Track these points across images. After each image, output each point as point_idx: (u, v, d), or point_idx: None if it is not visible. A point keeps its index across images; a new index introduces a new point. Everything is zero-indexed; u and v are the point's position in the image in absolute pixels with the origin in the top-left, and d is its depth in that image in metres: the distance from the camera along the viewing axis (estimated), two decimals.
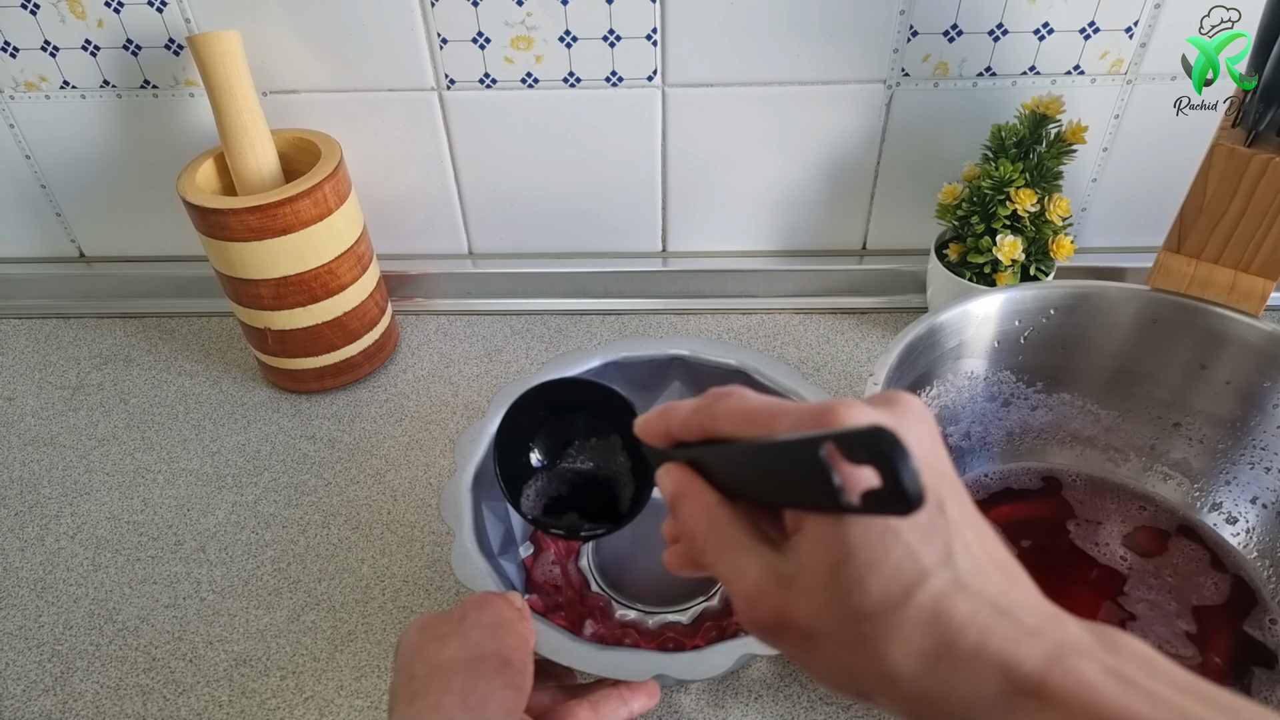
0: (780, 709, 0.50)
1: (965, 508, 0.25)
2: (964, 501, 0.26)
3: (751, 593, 0.26)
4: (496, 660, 0.40)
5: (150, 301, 0.82)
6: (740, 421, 0.28)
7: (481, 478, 0.55)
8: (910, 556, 0.24)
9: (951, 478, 0.26)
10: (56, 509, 0.64)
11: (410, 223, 0.79)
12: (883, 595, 0.24)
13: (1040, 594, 0.25)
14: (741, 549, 0.27)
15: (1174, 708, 0.22)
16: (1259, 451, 0.55)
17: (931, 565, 0.24)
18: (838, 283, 0.78)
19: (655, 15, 0.66)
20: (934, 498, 0.24)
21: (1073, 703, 0.22)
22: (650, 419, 0.32)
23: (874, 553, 0.24)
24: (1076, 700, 0.22)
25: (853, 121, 0.71)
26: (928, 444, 0.26)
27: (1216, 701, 0.22)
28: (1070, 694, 0.22)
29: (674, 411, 0.30)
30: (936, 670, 0.23)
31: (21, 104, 0.73)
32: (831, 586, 0.24)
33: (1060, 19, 0.65)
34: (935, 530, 0.24)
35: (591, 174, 0.75)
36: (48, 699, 0.52)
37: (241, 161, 0.65)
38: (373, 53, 0.69)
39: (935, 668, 0.23)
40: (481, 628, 0.41)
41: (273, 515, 0.63)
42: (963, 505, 0.25)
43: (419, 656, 0.41)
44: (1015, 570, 0.25)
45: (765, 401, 0.27)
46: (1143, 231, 0.75)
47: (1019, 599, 0.24)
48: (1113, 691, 0.22)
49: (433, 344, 0.77)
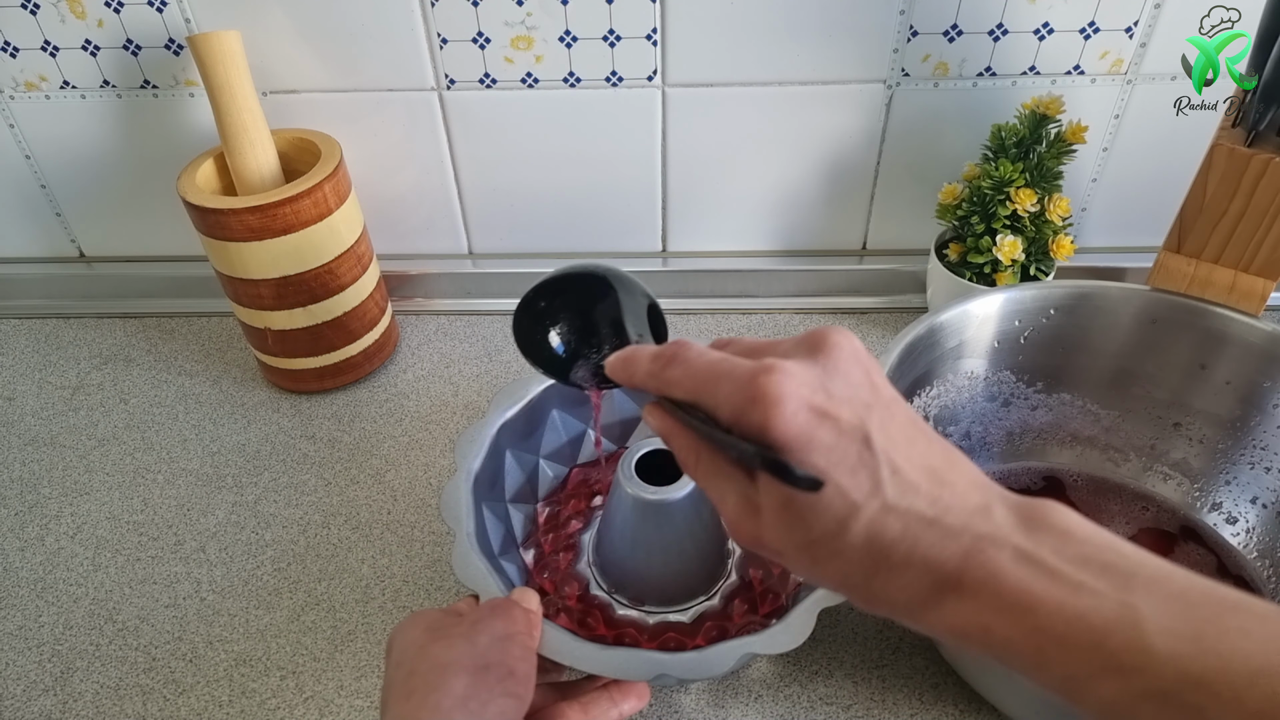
0: (780, 709, 0.50)
1: (893, 428, 0.28)
2: (893, 421, 0.29)
3: (732, 517, 0.31)
4: (501, 670, 0.40)
5: (150, 301, 0.82)
6: (688, 388, 0.31)
7: (481, 478, 0.55)
8: (840, 494, 0.27)
9: (882, 403, 0.29)
10: (56, 509, 0.64)
11: (410, 223, 0.79)
12: (822, 530, 0.28)
13: (974, 482, 0.28)
14: (723, 477, 0.31)
15: (1071, 582, 0.25)
16: (1259, 451, 0.55)
17: (860, 498, 0.27)
18: (838, 283, 0.78)
19: (655, 15, 0.66)
20: (859, 434, 0.28)
21: (981, 590, 0.26)
22: (615, 368, 0.35)
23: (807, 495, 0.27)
24: (985, 588, 0.26)
25: (853, 121, 0.71)
26: (855, 379, 0.29)
27: (1112, 567, 0.25)
28: (980, 583, 0.26)
29: (634, 365, 0.34)
30: (876, 579, 0.28)
31: (21, 104, 0.73)
32: (783, 521, 0.29)
33: (1060, 19, 0.65)
34: (863, 464, 0.27)
35: (591, 174, 0.75)
36: (48, 699, 0.52)
37: (241, 161, 0.65)
38: (373, 53, 0.69)
39: (875, 577, 0.28)
40: (491, 636, 0.41)
41: (273, 515, 0.63)
42: (890, 427, 0.28)
43: (423, 654, 0.40)
44: (947, 469, 0.28)
45: (707, 365, 0.30)
46: (1143, 231, 0.75)
47: (948, 502, 0.27)
48: (1016, 575, 0.25)
49: (433, 344, 0.77)
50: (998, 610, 0.26)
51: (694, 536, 0.52)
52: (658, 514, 0.50)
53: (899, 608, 0.28)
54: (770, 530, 0.29)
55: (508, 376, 0.73)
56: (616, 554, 0.54)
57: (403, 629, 0.43)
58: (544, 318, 0.42)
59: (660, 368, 0.32)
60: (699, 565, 0.54)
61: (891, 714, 0.50)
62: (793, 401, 0.27)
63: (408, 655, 0.41)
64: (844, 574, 0.28)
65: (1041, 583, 0.25)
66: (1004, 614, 0.25)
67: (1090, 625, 0.24)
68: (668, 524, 0.51)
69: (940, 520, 0.27)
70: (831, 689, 0.51)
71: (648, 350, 0.33)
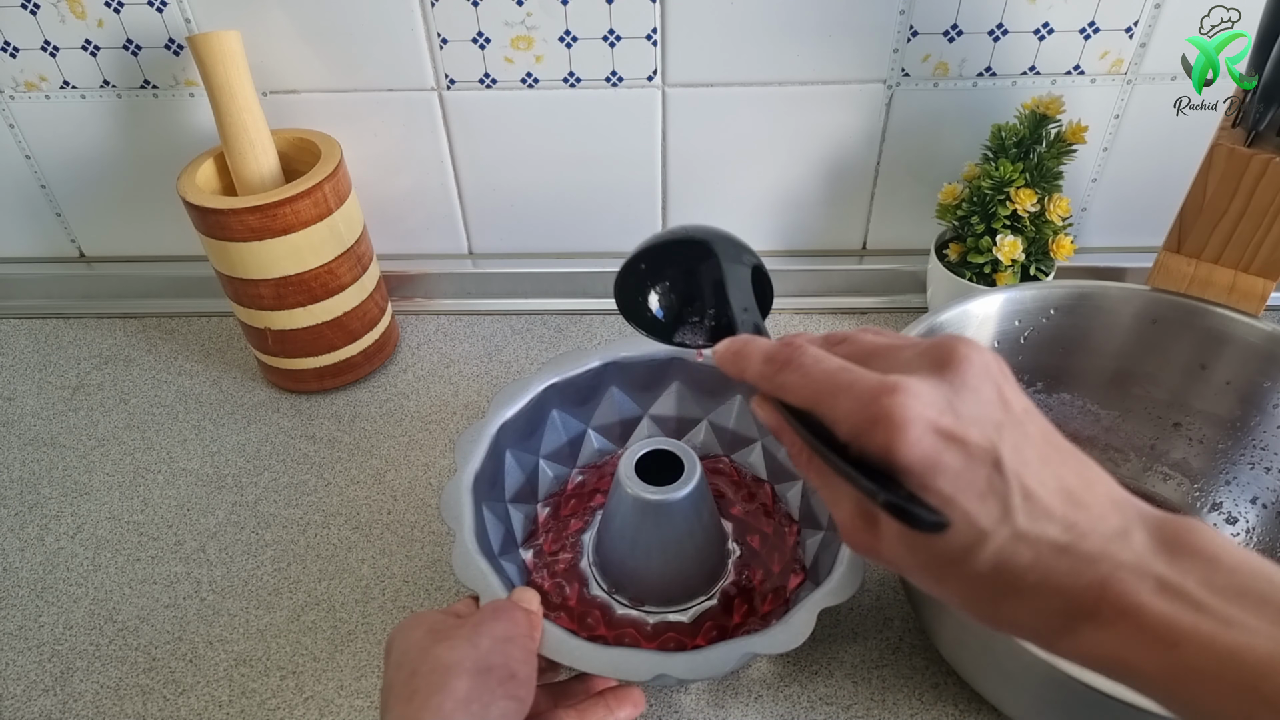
0: (780, 709, 0.50)
1: (1027, 448, 0.26)
2: (1026, 440, 0.27)
3: (846, 525, 0.29)
4: (503, 672, 0.40)
5: (150, 301, 0.82)
6: (804, 397, 0.29)
7: (481, 478, 0.55)
8: (968, 522, 0.26)
9: (1014, 420, 0.27)
10: (56, 509, 0.64)
11: (410, 223, 0.79)
12: (946, 556, 0.26)
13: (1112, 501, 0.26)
14: (838, 484, 0.29)
15: (1220, 616, 0.23)
16: (1259, 451, 0.55)
17: (989, 526, 0.25)
18: (838, 283, 0.78)
19: (655, 15, 0.66)
20: (989, 456, 0.26)
21: (1120, 621, 0.24)
22: (725, 359, 0.33)
23: None
24: (1124, 619, 0.24)
25: (853, 121, 0.71)
26: (986, 396, 0.27)
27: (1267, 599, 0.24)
28: (1118, 614, 0.24)
29: (745, 361, 0.32)
30: (1005, 603, 0.26)
31: (21, 104, 0.73)
32: (903, 541, 0.27)
33: (1060, 19, 0.65)
34: (992, 490, 0.26)
35: (591, 174, 0.75)
36: (48, 699, 0.52)
37: (241, 161, 0.65)
38: (373, 53, 0.69)
39: (1002, 601, 0.26)
40: (493, 638, 0.41)
41: (273, 515, 0.63)
42: (1023, 446, 0.26)
43: (424, 656, 0.40)
44: (1084, 489, 0.26)
45: (825, 375, 0.28)
46: (1143, 231, 0.75)
47: (1084, 527, 0.25)
48: (1158, 608, 0.24)
49: (433, 344, 0.77)
50: (1138, 643, 0.24)
51: (694, 536, 0.52)
52: (658, 514, 0.50)
53: (1027, 632, 0.26)
54: (889, 548, 0.28)
55: (508, 376, 0.73)
56: (616, 554, 0.54)
57: (403, 630, 0.43)
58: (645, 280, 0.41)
59: (774, 371, 0.30)
60: (699, 565, 0.54)
61: (891, 714, 0.50)
62: (918, 425, 0.25)
63: (409, 656, 0.41)
64: (969, 596, 0.27)
65: (1188, 616, 0.23)
66: (1145, 648, 0.24)
67: (1243, 663, 0.23)
68: (668, 524, 0.51)
69: (1075, 547, 0.25)
70: (831, 689, 0.51)
71: (761, 348, 0.31)
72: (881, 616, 0.55)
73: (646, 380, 0.63)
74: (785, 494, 0.60)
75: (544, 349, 0.76)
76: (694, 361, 0.61)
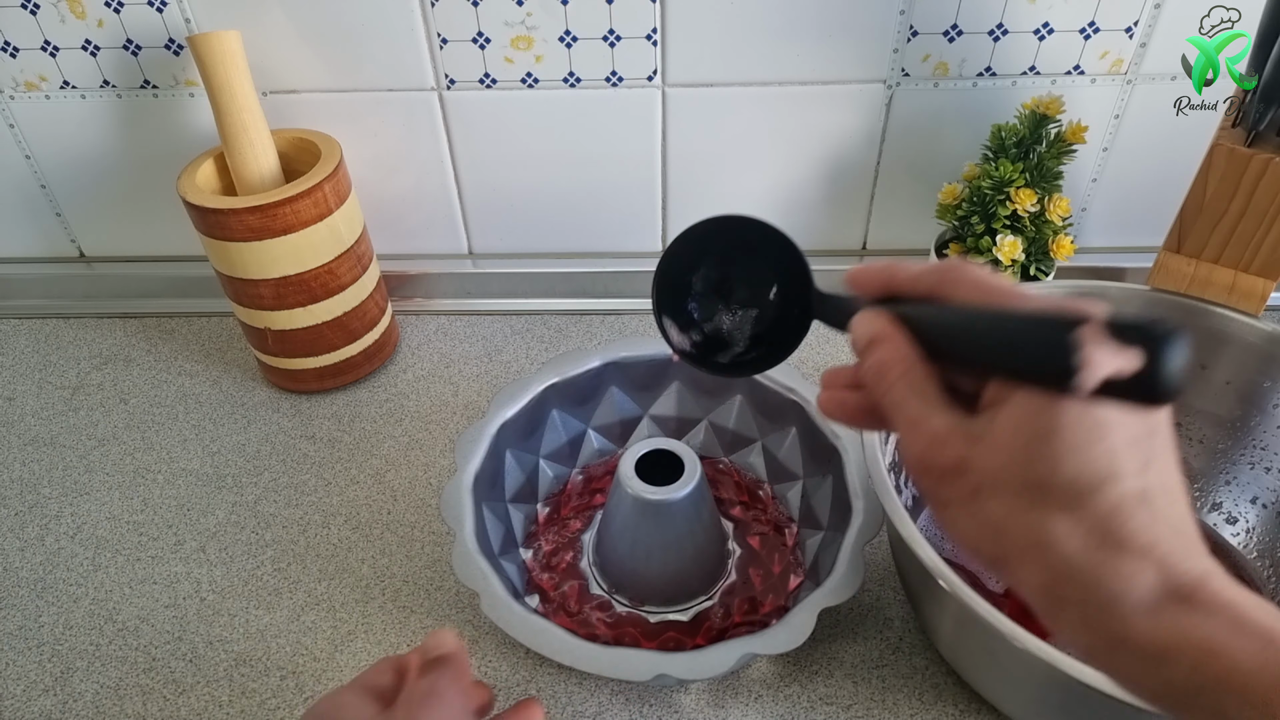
0: (780, 709, 0.50)
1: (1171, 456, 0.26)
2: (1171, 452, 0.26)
3: (937, 437, 0.27)
4: None
5: (150, 301, 0.82)
6: (983, 292, 0.28)
7: (481, 478, 0.55)
8: (1110, 455, 0.24)
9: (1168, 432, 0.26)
10: (56, 509, 0.64)
11: (410, 223, 0.79)
12: (1072, 478, 0.25)
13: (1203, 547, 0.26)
14: (933, 399, 0.28)
15: None
16: (1259, 451, 0.55)
17: (1127, 471, 0.25)
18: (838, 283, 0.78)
19: (655, 15, 0.66)
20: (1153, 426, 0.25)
21: (1219, 610, 0.24)
22: (869, 269, 0.32)
23: (1078, 438, 0.24)
24: (1224, 609, 0.24)
25: (853, 121, 0.71)
26: None
27: None
28: (1220, 604, 0.24)
29: (900, 268, 0.30)
30: (1095, 554, 0.25)
31: (21, 104, 0.73)
32: (1025, 453, 0.25)
33: (1060, 19, 0.65)
34: (1140, 444, 0.25)
35: (591, 174, 0.75)
36: (48, 699, 0.52)
37: (241, 161, 0.65)
38: (373, 53, 0.69)
39: (1094, 552, 0.25)
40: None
41: (273, 515, 0.63)
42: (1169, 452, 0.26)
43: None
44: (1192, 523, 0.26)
45: (1006, 281, 0.28)
46: (1143, 231, 0.75)
47: (1192, 531, 0.25)
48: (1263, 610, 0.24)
49: (433, 344, 0.77)
50: (1237, 632, 0.24)
51: (694, 536, 0.52)
52: (658, 514, 0.50)
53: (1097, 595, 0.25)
54: (990, 459, 0.26)
55: (508, 376, 0.73)
56: (616, 554, 0.54)
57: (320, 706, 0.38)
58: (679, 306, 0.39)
59: (945, 268, 0.29)
60: (699, 565, 0.54)
61: (891, 714, 0.50)
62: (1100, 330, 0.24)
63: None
64: (1056, 536, 0.25)
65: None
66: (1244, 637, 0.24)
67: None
68: (668, 524, 0.51)
69: (1186, 536, 0.25)
70: (831, 689, 0.51)
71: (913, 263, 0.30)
72: (881, 616, 0.55)
73: (646, 380, 0.63)
74: (785, 494, 0.60)
75: (544, 349, 0.76)
76: None
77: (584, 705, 0.51)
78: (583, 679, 0.52)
